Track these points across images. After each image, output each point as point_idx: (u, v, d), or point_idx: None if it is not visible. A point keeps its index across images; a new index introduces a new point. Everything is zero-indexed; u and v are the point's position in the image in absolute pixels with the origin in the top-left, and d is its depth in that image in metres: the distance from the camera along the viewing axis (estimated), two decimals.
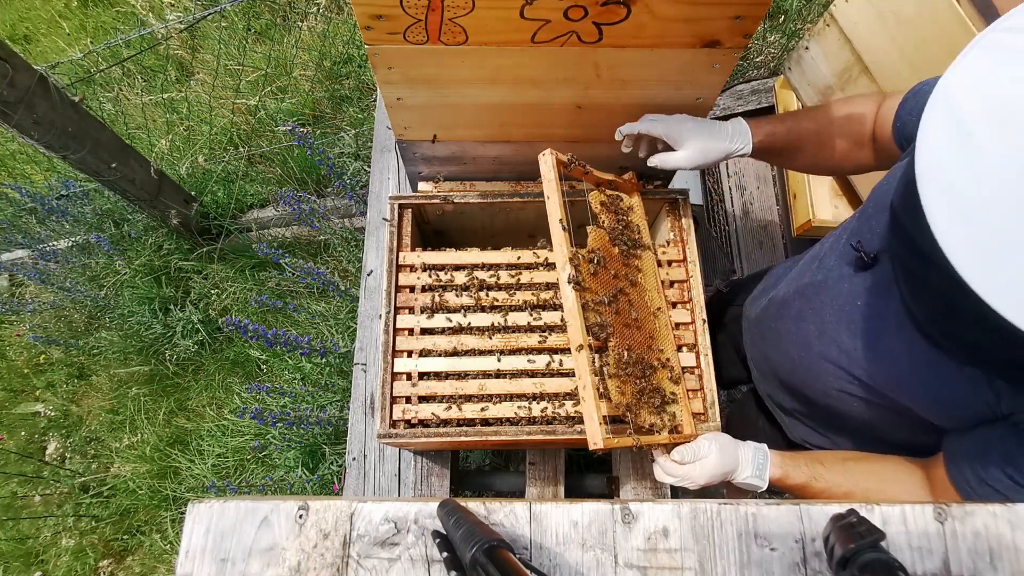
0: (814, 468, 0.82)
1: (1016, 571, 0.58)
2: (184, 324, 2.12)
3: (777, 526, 0.61)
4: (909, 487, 0.76)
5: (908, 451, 0.78)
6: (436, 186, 1.11)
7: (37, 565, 2.01)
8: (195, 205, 2.09)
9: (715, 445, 0.84)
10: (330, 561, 0.61)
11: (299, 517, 0.64)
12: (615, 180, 1.00)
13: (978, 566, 0.58)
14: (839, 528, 0.54)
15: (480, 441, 0.96)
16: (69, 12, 2.85)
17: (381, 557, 0.62)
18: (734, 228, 1.89)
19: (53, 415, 2.23)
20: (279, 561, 0.62)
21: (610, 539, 0.62)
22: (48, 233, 2.21)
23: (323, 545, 0.62)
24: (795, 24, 2.09)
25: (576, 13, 0.70)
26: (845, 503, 0.59)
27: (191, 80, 2.55)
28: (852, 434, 0.91)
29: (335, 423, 1.70)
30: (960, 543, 0.60)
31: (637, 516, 0.63)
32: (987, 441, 0.65)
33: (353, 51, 2.35)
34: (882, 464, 0.80)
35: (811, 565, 0.60)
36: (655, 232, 1.16)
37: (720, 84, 0.86)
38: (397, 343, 0.99)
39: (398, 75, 0.82)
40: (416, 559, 0.61)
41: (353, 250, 2.10)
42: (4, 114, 1.35)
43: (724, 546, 0.61)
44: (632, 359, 0.86)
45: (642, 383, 0.86)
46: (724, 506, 0.63)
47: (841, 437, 0.93)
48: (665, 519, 0.63)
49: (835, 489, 0.79)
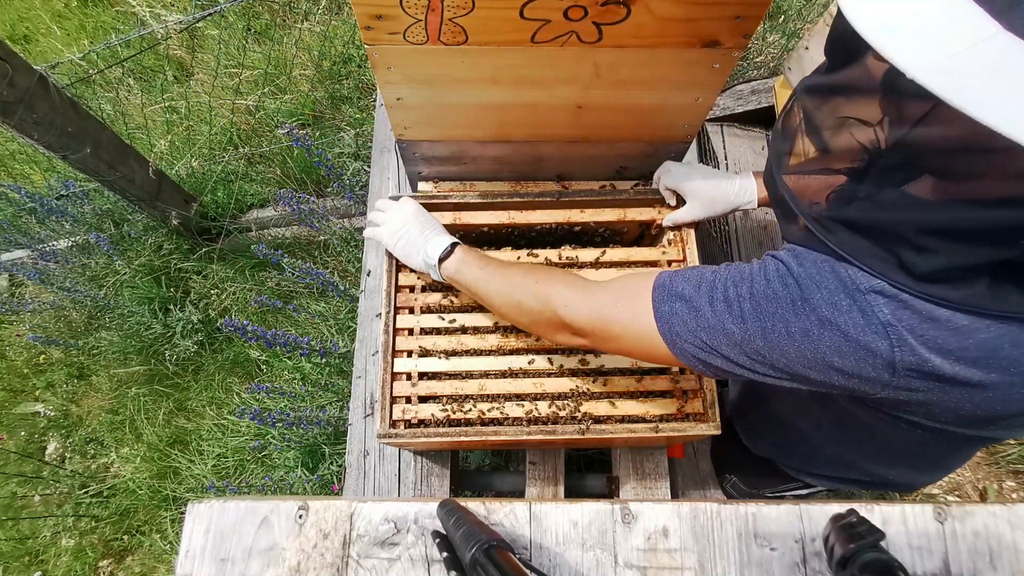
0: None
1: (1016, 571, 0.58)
2: (184, 324, 2.12)
3: (777, 526, 0.62)
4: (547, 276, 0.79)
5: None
6: (436, 186, 1.11)
7: (37, 565, 2.01)
8: (195, 205, 2.09)
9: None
10: (330, 561, 0.61)
11: (299, 517, 0.64)
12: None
13: (978, 566, 0.59)
14: (839, 528, 0.54)
15: (480, 441, 0.96)
16: (69, 12, 2.85)
17: (381, 557, 0.62)
18: (734, 228, 1.89)
19: (53, 415, 2.23)
20: (279, 561, 0.62)
21: (610, 539, 0.62)
22: (48, 233, 2.21)
23: (323, 545, 0.62)
24: (795, 24, 2.09)
25: (576, 13, 0.70)
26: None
27: (191, 80, 2.55)
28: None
29: (335, 423, 1.70)
30: (960, 543, 0.60)
31: (637, 516, 0.63)
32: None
33: (353, 51, 2.35)
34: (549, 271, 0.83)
35: (811, 565, 0.60)
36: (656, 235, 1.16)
37: (720, 84, 0.86)
38: (397, 343, 0.99)
39: (398, 75, 0.82)
40: (416, 559, 0.61)
41: (353, 250, 2.10)
42: (4, 114, 1.35)
43: (724, 546, 0.61)
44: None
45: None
46: (724, 506, 0.63)
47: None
48: (665, 519, 0.63)
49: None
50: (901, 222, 0.51)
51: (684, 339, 0.63)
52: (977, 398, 0.52)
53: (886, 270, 0.52)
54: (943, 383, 0.52)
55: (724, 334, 0.60)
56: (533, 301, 0.77)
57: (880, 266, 0.52)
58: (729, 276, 0.62)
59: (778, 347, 0.57)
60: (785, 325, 0.56)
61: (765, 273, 0.60)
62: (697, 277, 0.65)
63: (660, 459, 1.12)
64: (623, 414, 0.93)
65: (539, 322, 0.78)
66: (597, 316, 0.71)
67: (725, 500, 0.64)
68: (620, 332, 0.69)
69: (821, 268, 0.56)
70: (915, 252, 0.50)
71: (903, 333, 0.51)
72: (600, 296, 0.72)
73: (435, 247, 0.90)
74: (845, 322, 0.53)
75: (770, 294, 0.58)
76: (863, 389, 0.56)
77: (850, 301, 0.53)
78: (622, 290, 0.71)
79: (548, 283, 0.77)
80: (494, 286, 0.83)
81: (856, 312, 0.53)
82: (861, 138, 0.54)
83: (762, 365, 0.60)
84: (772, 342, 0.57)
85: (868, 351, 0.53)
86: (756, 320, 0.58)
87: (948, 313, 0.50)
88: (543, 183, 1.09)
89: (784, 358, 0.58)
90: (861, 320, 0.53)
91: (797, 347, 0.56)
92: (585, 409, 0.93)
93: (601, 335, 0.72)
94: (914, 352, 0.51)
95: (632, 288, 0.69)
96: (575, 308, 0.73)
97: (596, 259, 1.02)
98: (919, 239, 0.50)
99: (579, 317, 0.72)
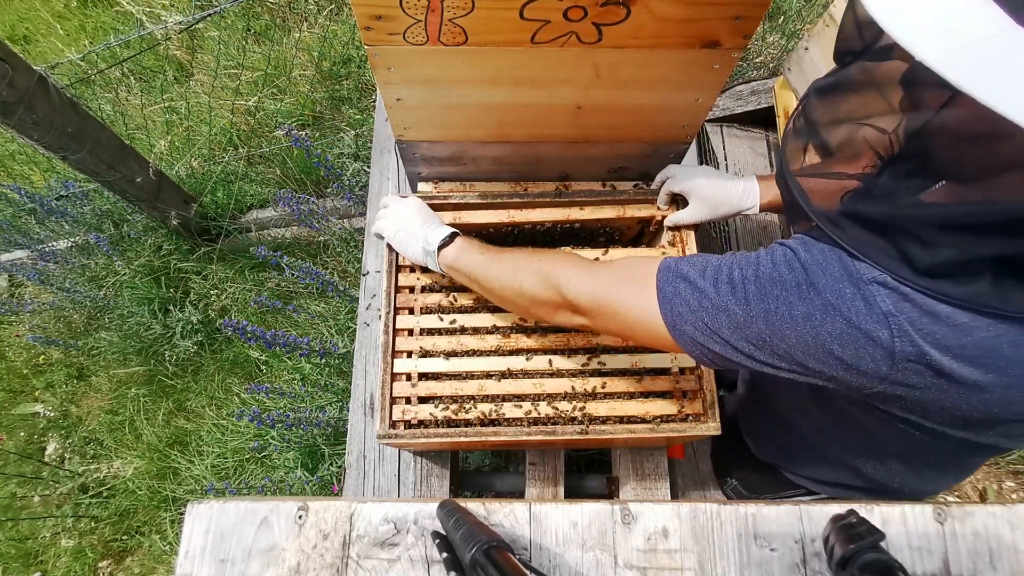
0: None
1: (1016, 571, 0.58)
2: (183, 325, 2.12)
3: (777, 526, 0.62)
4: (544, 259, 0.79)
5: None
6: (436, 187, 1.11)
7: (36, 566, 2.01)
8: (194, 206, 2.09)
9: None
10: (329, 562, 0.61)
11: (299, 518, 0.64)
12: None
13: (978, 566, 0.59)
14: (839, 529, 0.54)
15: (480, 442, 0.96)
16: (69, 12, 2.85)
17: (381, 558, 0.62)
18: (734, 228, 1.89)
19: (52, 415, 2.22)
20: (279, 562, 0.62)
21: (610, 539, 0.62)
22: (47, 234, 2.21)
23: (323, 546, 0.62)
24: (795, 24, 2.09)
25: (576, 14, 0.70)
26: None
27: (190, 81, 2.55)
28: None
29: (335, 424, 1.70)
30: (960, 543, 0.60)
31: (637, 516, 0.63)
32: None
33: (352, 52, 2.35)
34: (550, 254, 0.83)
35: (811, 565, 0.60)
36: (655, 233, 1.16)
37: (720, 85, 0.86)
38: (397, 344, 0.99)
39: (398, 76, 0.82)
40: (416, 560, 0.61)
41: (352, 251, 2.09)
42: (4, 114, 1.35)
43: (724, 546, 0.61)
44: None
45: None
46: (724, 507, 0.63)
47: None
48: (665, 519, 0.63)
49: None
50: (909, 217, 0.52)
51: (685, 320, 0.63)
52: (974, 399, 0.52)
53: (889, 263, 0.52)
54: (941, 379, 0.52)
55: (727, 315, 0.60)
56: (535, 280, 0.77)
57: (884, 259, 0.52)
58: (735, 260, 0.63)
59: (780, 331, 0.57)
60: (789, 308, 0.57)
61: (772, 258, 0.60)
62: (703, 261, 0.65)
63: (660, 460, 1.12)
64: (623, 414, 0.93)
65: (539, 302, 0.78)
66: (600, 294, 0.71)
67: (725, 501, 0.64)
68: (621, 311, 0.69)
69: (828, 256, 0.56)
70: (920, 246, 0.50)
71: (903, 324, 0.52)
72: (604, 275, 0.72)
73: (435, 235, 0.91)
74: (848, 309, 0.54)
75: (776, 277, 0.58)
76: (861, 381, 0.56)
77: (854, 289, 0.54)
78: (626, 270, 0.71)
79: (552, 263, 0.78)
80: (495, 271, 0.83)
81: (859, 300, 0.53)
82: (874, 142, 0.55)
83: (761, 351, 0.60)
84: (774, 325, 0.57)
85: (869, 339, 0.53)
86: (760, 302, 0.58)
87: (948, 309, 0.50)
88: (543, 183, 1.09)
89: (785, 343, 0.58)
90: (864, 308, 0.53)
91: (799, 332, 0.56)
92: (585, 409, 0.93)
93: (602, 314, 0.72)
94: (913, 343, 0.51)
95: (637, 268, 0.70)
96: (577, 285, 0.73)
97: (596, 259, 1.02)
98: (925, 233, 0.50)
99: (581, 294, 0.72)
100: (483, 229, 1.06)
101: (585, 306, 0.73)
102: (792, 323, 0.56)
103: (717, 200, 0.95)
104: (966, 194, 0.52)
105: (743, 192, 0.94)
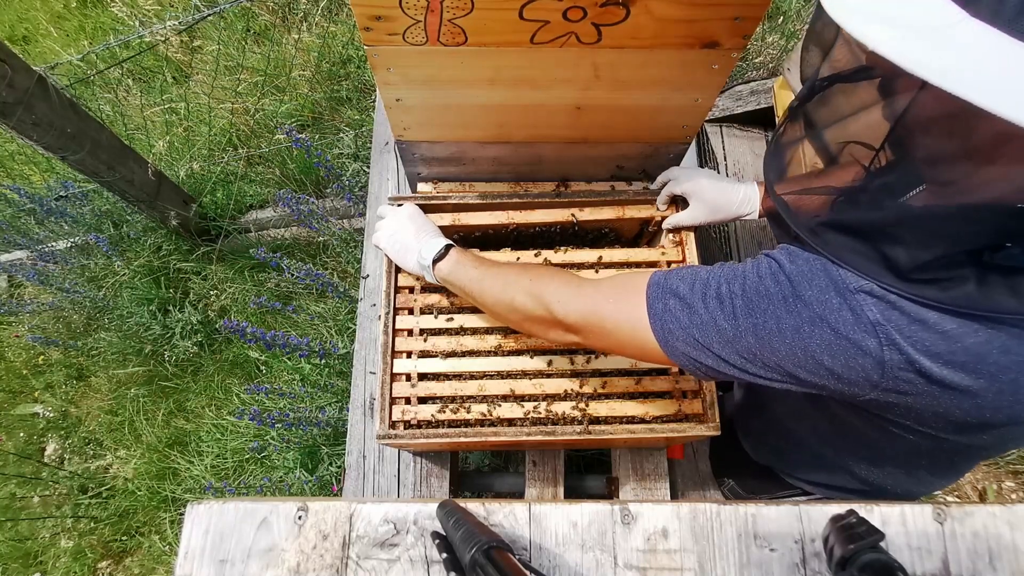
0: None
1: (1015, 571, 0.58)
2: (183, 325, 2.12)
3: (777, 527, 0.62)
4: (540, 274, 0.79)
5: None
6: (435, 187, 1.11)
7: (36, 566, 2.01)
8: (194, 206, 2.09)
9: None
10: (329, 562, 0.61)
11: (298, 518, 0.64)
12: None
13: (977, 566, 0.59)
14: (838, 529, 0.54)
15: (480, 442, 0.96)
16: (68, 13, 2.85)
17: (380, 558, 0.62)
18: (733, 228, 1.89)
19: (52, 416, 2.22)
20: (278, 562, 0.62)
21: (609, 540, 0.62)
22: (47, 234, 2.21)
23: (322, 546, 0.62)
24: (794, 25, 2.09)
25: (575, 14, 0.70)
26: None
27: (190, 81, 2.55)
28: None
29: (334, 424, 1.70)
30: (959, 543, 0.60)
31: (637, 517, 0.63)
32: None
33: (352, 52, 2.35)
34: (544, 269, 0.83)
35: (810, 566, 0.60)
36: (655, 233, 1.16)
37: (719, 85, 0.86)
38: (396, 344, 0.99)
39: (397, 76, 0.82)
40: (415, 560, 0.61)
41: (352, 251, 2.10)
42: (3, 115, 1.35)
43: (724, 547, 0.61)
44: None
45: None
46: (724, 507, 0.63)
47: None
48: (665, 520, 0.63)
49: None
50: (892, 219, 0.52)
51: (677, 336, 0.63)
52: (966, 404, 0.52)
53: (873, 271, 0.52)
54: (932, 385, 0.52)
55: (716, 331, 0.60)
56: (526, 298, 0.77)
57: (868, 267, 0.52)
58: (723, 274, 0.63)
59: (769, 344, 0.57)
60: (776, 322, 0.56)
61: (758, 271, 0.60)
62: (692, 276, 0.65)
63: (660, 460, 1.12)
64: (622, 415, 0.93)
65: (532, 319, 0.78)
66: (590, 312, 0.71)
67: (724, 501, 0.64)
68: (612, 329, 0.69)
69: (813, 266, 0.56)
70: (903, 248, 0.50)
71: (892, 332, 0.51)
72: (594, 293, 0.72)
73: (429, 249, 0.90)
74: (836, 319, 0.53)
75: (762, 291, 0.58)
76: (853, 391, 0.56)
77: (840, 300, 0.54)
78: (616, 288, 0.71)
79: (542, 280, 0.77)
80: (488, 285, 0.83)
81: (846, 310, 0.53)
82: (857, 154, 0.55)
83: (753, 364, 0.60)
84: (763, 339, 0.57)
85: (858, 349, 0.53)
86: (748, 317, 0.58)
87: (936, 316, 0.50)
88: (542, 184, 1.09)
89: (775, 356, 0.58)
90: (851, 318, 0.53)
91: (788, 344, 0.56)
92: (585, 410, 0.93)
93: (594, 332, 0.71)
94: (903, 351, 0.51)
95: (627, 286, 0.69)
96: (568, 304, 0.73)
97: (596, 260, 1.02)
98: (908, 233, 0.50)
99: (572, 313, 0.72)
100: (483, 230, 1.06)
101: (576, 325, 0.73)
102: (781, 336, 0.56)
103: (718, 204, 0.95)
104: (946, 194, 0.52)
105: (743, 198, 0.94)
